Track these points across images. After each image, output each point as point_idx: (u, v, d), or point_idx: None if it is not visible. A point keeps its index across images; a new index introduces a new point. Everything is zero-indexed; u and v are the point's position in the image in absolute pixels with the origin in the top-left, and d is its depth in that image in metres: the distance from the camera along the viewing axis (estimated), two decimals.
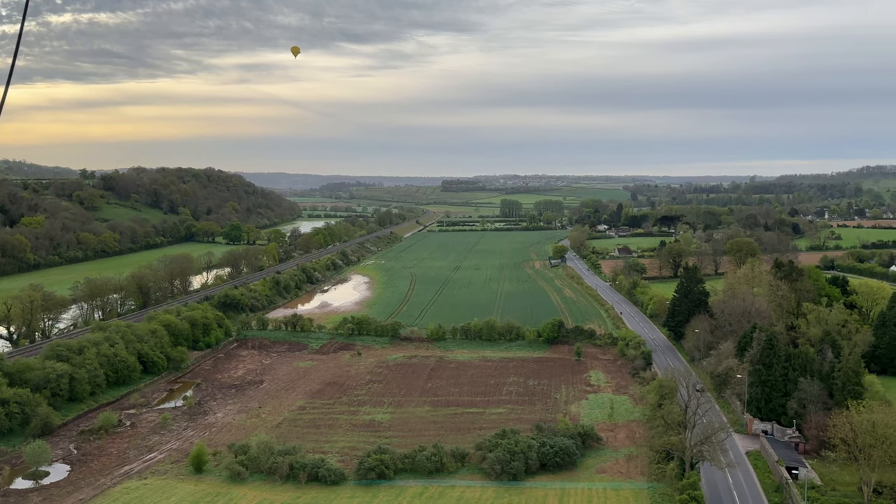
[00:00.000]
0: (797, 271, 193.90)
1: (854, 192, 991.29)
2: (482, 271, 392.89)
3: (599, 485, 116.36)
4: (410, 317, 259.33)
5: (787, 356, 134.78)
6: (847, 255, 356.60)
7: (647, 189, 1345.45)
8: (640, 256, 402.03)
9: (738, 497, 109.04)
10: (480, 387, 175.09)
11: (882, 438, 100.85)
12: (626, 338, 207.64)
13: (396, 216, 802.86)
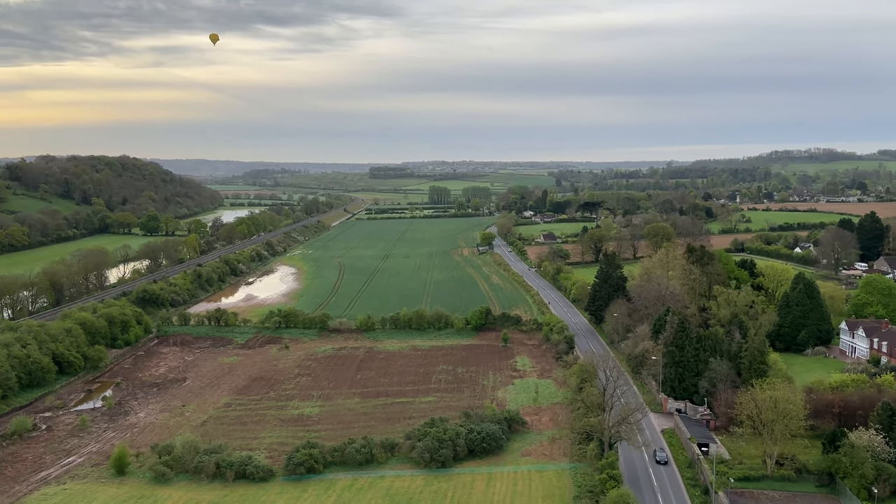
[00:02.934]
0: (708, 255, 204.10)
1: (764, 177, 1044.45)
2: (411, 260, 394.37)
3: (524, 467, 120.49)
4: (339, 308, 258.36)
5: (699, 337, 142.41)
6: (756, 237, 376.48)
7: (570, 175, 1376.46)
8: (563, 242, 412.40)
9: (653, 473, 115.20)
10: (410, 376, 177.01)
11: (783, 413, 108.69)
12: (550, 323, 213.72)
13: (323, 204, 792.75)
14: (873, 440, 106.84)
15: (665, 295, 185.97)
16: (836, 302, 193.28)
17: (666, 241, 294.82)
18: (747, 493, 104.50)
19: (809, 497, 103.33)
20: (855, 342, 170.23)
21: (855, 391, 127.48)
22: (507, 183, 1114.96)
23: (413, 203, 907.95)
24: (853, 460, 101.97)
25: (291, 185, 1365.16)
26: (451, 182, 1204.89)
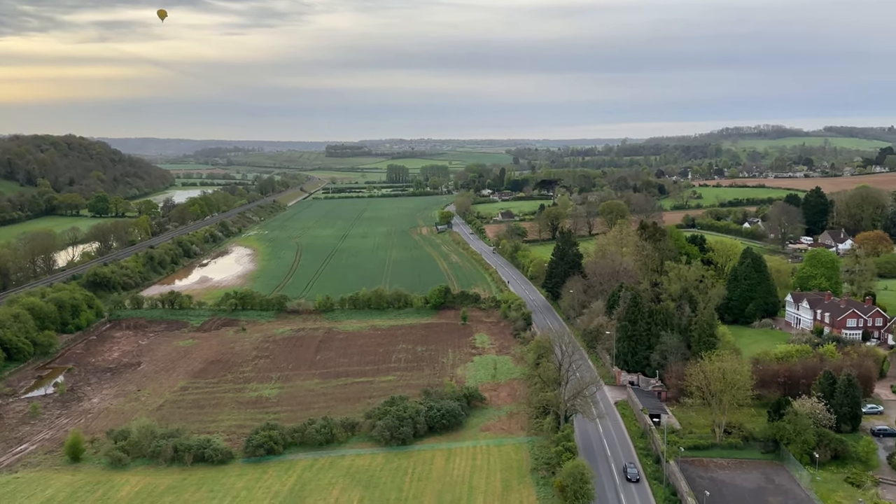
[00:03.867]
0: (660, 232, 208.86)
1: (715, 153, 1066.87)
2: (370, 239, 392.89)
3: (483, 442, 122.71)
4: (297, 289, 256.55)
5: (651, 312, 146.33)
6: (706, 213, 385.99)
7: (528, 153, 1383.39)
8: (521, 220, 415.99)
9: (607, 444, 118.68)
10: (370, 356, 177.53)
11: (731, 384, 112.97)
12: (508, 300, 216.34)
13: (279, 183, 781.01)
14: (815, 408, 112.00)
15: (619, 271, 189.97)
16: (782, 275, 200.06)
17: (620, 219, 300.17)
18: (697, 461, 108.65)
19: (755, 463, 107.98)
20: (800, 314, 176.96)
21: (799, 361, 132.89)
22: (465, 161, 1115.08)
23: (371, 182, 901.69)
24: (796, 427, 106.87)
25: (245, 164, 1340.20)
26: (410, 160, 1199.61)
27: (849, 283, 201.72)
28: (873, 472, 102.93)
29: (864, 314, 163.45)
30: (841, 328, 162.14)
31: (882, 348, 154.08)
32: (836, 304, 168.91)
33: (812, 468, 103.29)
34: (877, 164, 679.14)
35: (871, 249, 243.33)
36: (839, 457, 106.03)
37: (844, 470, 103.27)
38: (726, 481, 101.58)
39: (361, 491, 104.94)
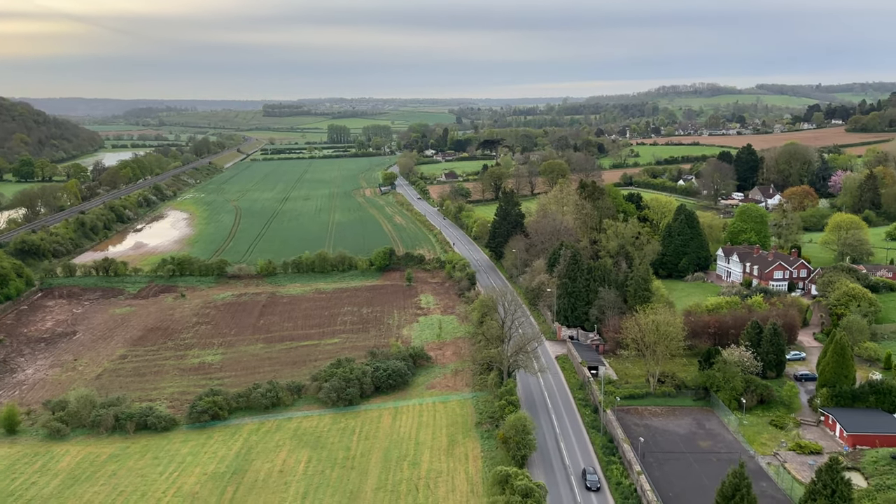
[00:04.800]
0: (599, 191, 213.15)
1: (652, 112, 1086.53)
2: (312, 201, 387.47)
3: (429, 399, 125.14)
4: (237, 253, 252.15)
5: (589, 269, 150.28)
6: (643, 171, 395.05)
7: (471, 112, 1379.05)
8: (464, 180, 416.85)
9: (548, 396, 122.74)
10: (315, 319, 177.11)
11: (664, 336, 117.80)
12: (453, 261, 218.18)
13: (215, 144, 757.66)
14: (743, 356, 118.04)
15: (560, 230, 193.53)
16: (714, 230, 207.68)
17: (561, 178, 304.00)
18: (632, 409, 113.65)
19: (687, 410, 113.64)
20: (730, 267, 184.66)
21: (728, 312, 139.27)
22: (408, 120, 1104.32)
23: (311, 142, 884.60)
24: (725, 375, 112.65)
25: (178, 125, 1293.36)
26: (351, 120, 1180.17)
27: (776, 237, 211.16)
28: (795, 414, 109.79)
29: (790, 266, 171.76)
30: (768, 280, 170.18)
31: (806, 298, 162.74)
32: (763, 257, 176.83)
33: (740, 413, 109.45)
34: (805, 121, 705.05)
35: (798, 204, 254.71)
36: (765, 401, 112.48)
37: (769, 413, 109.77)
38: (660, 428, 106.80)
39: (309, 451, 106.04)
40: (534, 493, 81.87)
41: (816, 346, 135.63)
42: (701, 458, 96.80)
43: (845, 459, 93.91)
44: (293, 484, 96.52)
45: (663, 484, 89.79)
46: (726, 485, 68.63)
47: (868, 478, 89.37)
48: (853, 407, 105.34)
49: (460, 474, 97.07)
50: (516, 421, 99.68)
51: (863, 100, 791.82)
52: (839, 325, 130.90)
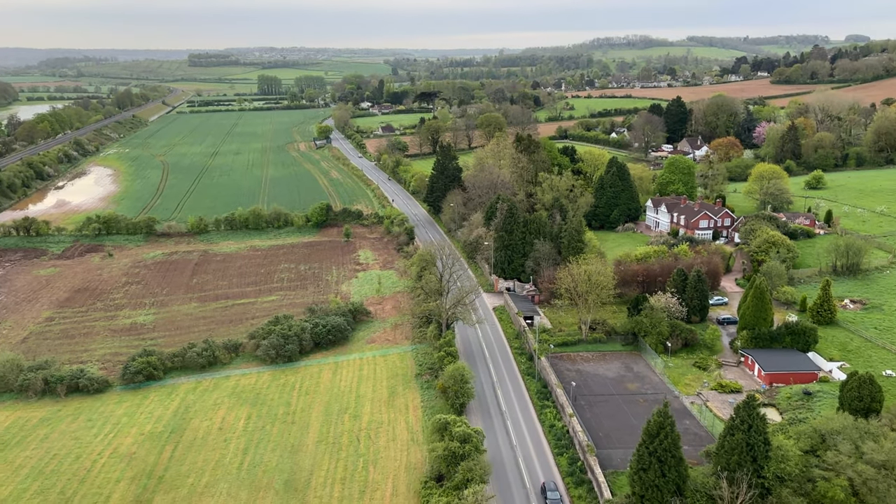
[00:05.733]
0: (535, 144, 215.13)
1: (587, 64, 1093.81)
2: (243, 156, 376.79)
3: (369, 353, 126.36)
4: (166, 210, 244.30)
5: (525, 222, 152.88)
6: (577, 124, 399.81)
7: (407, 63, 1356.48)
8: (402, 134, 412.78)
9: (486, 346, 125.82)
10: (250, 277, 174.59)
11: (595, 285, 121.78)
12: (391, 216, 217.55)
13: (138, 97, 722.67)
14: (669, 302, 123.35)
15: (497, 183, 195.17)
16: (644, 182, 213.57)
17: (498, 131, 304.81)
18: (565, 355, 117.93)
19: (617, 355, 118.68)
20: (658, 217, 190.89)
21: (656, 261, 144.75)
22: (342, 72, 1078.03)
23: (241, 94, 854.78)
24: (652, 321, 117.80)
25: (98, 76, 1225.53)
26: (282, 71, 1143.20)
27: (703, 188, 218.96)
28: (717, 356, 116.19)
29: (715, 215, 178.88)
30: (694, 229, 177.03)
31: (729, 246, 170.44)
32: (690, 207, 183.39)
33: (665, 356, 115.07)
34: (732, 73, 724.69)
35: (724, 155, 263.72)
36: (689, 344, 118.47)
37: (693, 356, 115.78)
38: (591, 372, 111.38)
39: (248, 408, 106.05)
40: (472, 439, 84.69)
41: (738, 291, 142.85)
42: (629, 399, 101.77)
43: (762, 397, 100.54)
44: (233, 440, 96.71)
45: (594, 424, 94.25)
46: (651, 423, 72.64)
47: (782, 413, 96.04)
48: (770, 348, 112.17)
49: (401, 424, 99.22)
50: (455, 371, 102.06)
51: (787, 52, 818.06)
52: (759, 270, 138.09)
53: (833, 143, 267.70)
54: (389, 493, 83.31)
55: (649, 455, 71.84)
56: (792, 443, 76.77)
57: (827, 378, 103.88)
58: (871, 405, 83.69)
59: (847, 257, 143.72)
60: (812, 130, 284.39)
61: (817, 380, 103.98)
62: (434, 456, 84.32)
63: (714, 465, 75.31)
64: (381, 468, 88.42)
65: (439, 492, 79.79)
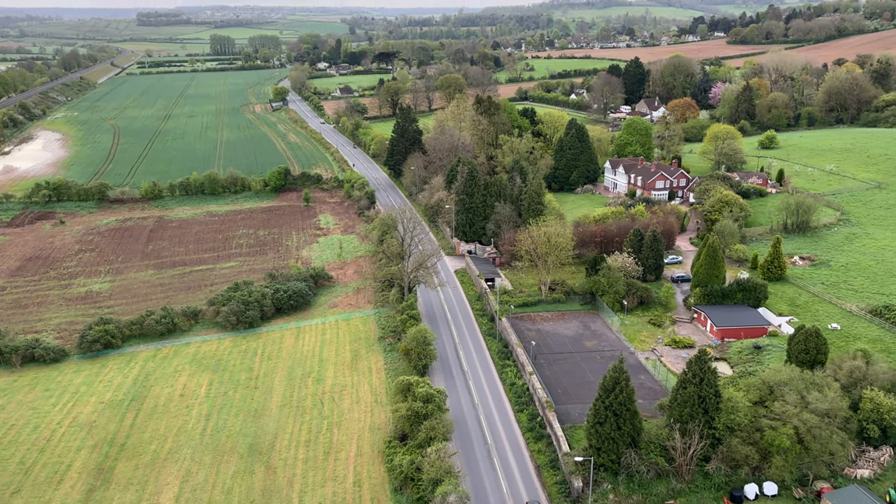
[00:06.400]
0: (495, 106, 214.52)
1: (547, 24, 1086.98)
2: (197, 119, 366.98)
3: (332, 318, 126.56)
4: (119, 176, 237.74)
5: (486, 184, 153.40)
6: (537, 86, 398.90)
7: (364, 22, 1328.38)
8: (360, 96, 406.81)
9: (448, 309, 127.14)
10: (208, 243, 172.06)
11: (554, 246, 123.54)
12: (351, 180, 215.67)
13: (85, 58, 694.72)
14: (626, 262, 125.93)
15: (457, 146, 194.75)
16: (602, 144, 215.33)
17: (458, 93, 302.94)
18: (526, 316, 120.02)
19: (575, 314, 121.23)
20: (616, 179, 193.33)
21: (614, 222, 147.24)
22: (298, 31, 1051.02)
23: (193, 55, 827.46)
24: (609, 280, 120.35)
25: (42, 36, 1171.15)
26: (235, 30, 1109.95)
27: (660, 149, 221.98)
28: (672, 313, 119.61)
29: (671, 176, 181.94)
30: (651, 190, 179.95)
31: (684, 206, 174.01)
32: (647, 168, 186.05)
33: (622, 314, 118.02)
34: (690, 33, 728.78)
35: (680, 116, 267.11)
36: (644, 302, 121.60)
37: (648, 313, 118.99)
38: (550, 331, 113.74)
39: (210, 375, 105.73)
40: (434, 398, 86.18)
41: (692, 249, 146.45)
42: (587, 356, 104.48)
43: (714, 351, 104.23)
44: (195, 406, 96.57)
45: (553, 381, 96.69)
46: (607, 379, 74.94)
47: (733, 366, 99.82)
48: (722, 304, 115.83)
49: (364, 386, 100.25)
50: (417, 333, 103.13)
51: (743, 12, 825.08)
52: (712, 229, 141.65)
53: (786, 103, 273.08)
54: (354, 453, 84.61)
55: (605, 409, 74.26)
56: (742, 395, 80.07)
57: (776, 332, 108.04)
58: (816, 357, 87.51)
59: (797, 215, 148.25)
60: (766, 91, 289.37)
61: (767, 334, 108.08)
62: (398, 416, 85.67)
63: (667, 417, 78.27)
64: (345, 429, 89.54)
65: (403, 450, 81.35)
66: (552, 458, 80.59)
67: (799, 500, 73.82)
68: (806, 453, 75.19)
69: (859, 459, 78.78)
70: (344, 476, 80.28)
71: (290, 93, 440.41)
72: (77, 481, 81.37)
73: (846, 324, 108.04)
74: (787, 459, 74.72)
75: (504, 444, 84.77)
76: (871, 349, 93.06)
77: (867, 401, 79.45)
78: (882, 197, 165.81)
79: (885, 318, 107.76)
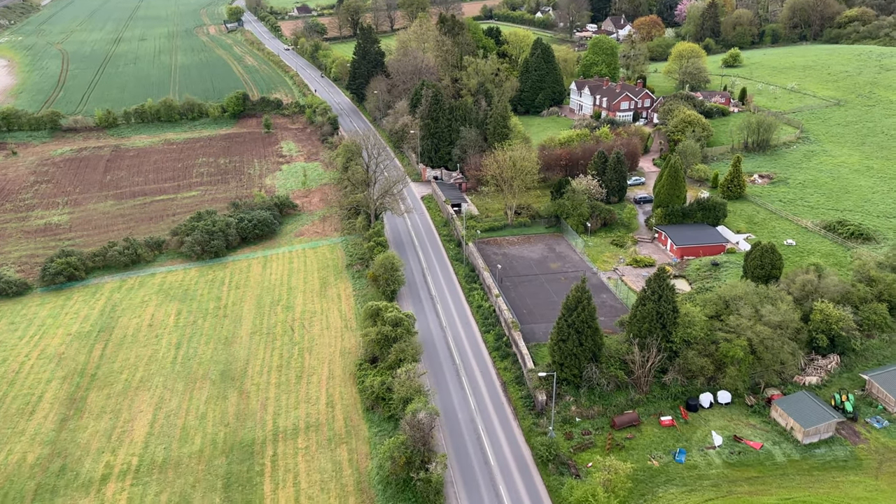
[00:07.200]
0: (459, 25, 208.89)
1: None
2: (150, 42, 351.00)
3: (298, 246, 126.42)
4: (71, 104, 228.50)
5: (451, 108, 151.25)
6: (502, 3, 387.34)
7: None
8: (319, 15, 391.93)
9: (415, 235, 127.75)
10: (168, 172, 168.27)
11: (520, 171, 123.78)
12: (313, 105, 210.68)
13: None
14: (590, 184, 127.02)
15: (421, 68, 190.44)
16: (569, 64, 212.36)
17: (421, 11, 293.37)
18: (492, 240, 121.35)
19: (541, 237, 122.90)
20: (582, 100, 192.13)
21: (579, 144, 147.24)
22: None
23: None
24: (574, 203, 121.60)
25: None
26: None
27: (625, 68, 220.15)
28: (634, 233, 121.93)
29: (636, 97, 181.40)
30: (616, 111, 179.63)
31: (648, 127, 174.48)
32: (612, 89, 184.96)
33: (586, 236, 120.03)
34: None
35: (646, 34, 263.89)
36: (608, 224, 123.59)
37: (611, 234, 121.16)
38: (516, 255, 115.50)
39: (178, 304, 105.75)
40: (403, 322, 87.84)
41: (655, 170, 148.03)
42: (551, 278, 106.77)
43: (673, 269, 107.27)
44: (165, 336, 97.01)
45: (518, 303, 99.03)
46: (570, 298, 77.05)
47: (691, 283, 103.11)
48: (683, 223, 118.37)
49: (334, 313, 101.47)
50: (385, 260, 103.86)
51: None
52: (675, 150, 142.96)
53: (751, 20, 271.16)
54: (326, 376, 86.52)
55: (568, 327, 76.69)
56: (698, 310, 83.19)
57: (734, 249, 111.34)
58: (771, 272, 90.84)
59: (758, 134, 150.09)
60: (731, 7, 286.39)
61: (725, 251, 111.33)
62: (367, 340, 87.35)
63: (627, 333, 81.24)
64: (316, 354, 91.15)
65: (374, 372, 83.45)
66: (517, 375, 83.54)
67: (751, 407, 78.20)
68: (758, 363, 79.13)
69: (808, 367, 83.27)
70: (317, 398, 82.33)
71: (245, 13, 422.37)
72: (49, 411, 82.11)
73: (801, 240, 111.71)
74: (741, 369, 78.61)
75: (472, 364, 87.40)
76: (823, 263, 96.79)
77: (817, 312, 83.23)
78: (840, 114, 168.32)
79: (839, 233, 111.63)
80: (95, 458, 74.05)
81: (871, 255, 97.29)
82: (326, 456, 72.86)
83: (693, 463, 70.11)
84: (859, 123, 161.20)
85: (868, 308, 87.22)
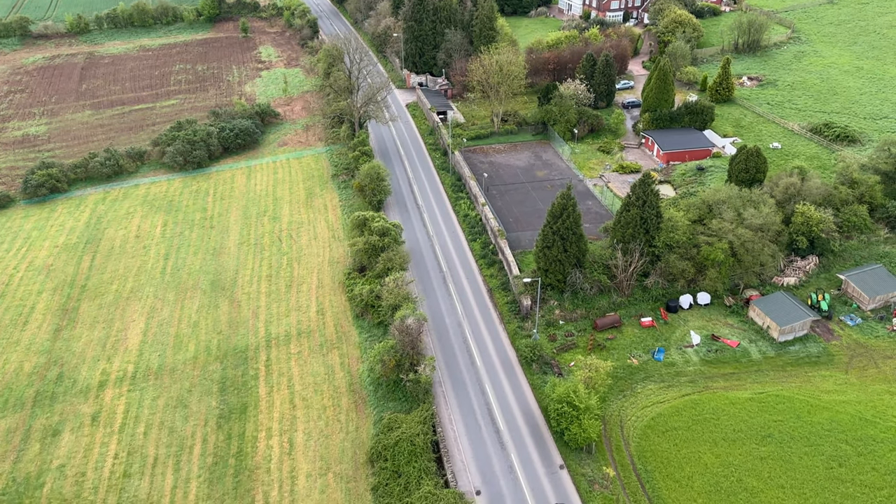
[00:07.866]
0: None
1: None
2: None
3: (282, 156, 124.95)
4: (39, 9, 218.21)
5: (435, 9, 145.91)
6: None
7: None
8: None
9: (400, 144, 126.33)
10: (145, 80, 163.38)
11: (507, 76, 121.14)
12: (291, 7, 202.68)
13: None
14: (578, 89, 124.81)
15: None
16: None
17: None
18: (478, 149, 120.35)
19: (527, 144, 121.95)
20: (570, 0, 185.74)
21: (567, 47, 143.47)
22: None
23: None
24: (561, 109, 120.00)
25: None
26: None
27: None
28: (621, 139, 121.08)
29: None
30: (605, 11, 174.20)
31: (638, 28, 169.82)
32: None
33: (573, 143, 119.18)
34: None
35: None
36: (595, 130, 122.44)
37: (598, 141, 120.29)
38: (503, 163, 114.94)
39: (164, 215, 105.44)
40: (390, 232, 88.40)
41: (644, 73, 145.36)
42: (537, 185, 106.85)
43: (659, 175, 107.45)
44: (153, 247, 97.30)
45: (504, 211, 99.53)
46: (555, 205, 77.49)
47: (676, 188, 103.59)
48: (670, 128, 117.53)
49: (321, 223, 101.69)
50: (370, 169, 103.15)
51: None
52: (664, 52, 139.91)
53: None
54: (315, 285, 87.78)
55: (553, 234, 77.54)
56: (682, 214, 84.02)
57: (720, 154, 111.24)
58: (755, 176, 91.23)
59: (749, 34, 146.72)
60: None
61: (711, 156, 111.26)
62: (355, 250, 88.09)
63: (611, 238, 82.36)
64: (304, 264, 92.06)
65: (362, 281, 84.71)
66: (503, 282, 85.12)
67: (729, 307, 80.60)
68: (739, 265, 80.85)
69: (787, 269, 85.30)
70: (307, 306, 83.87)
71: None
72: (43, 322, 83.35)
73: (787, 142, 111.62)
74: (721, 272, 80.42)
75: (458, 271, 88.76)
76: (807, 166, 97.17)
77: (799, 214, 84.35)
78: (833, 13, 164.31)
79: (824, 135, 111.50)
80: (91, 366, 75.91)
81: (855, 158, 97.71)
82: (318, 360, 75.06)
83: (671, 361, 72.94)
84: (851, 22, 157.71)
85: (849, 210, 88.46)
